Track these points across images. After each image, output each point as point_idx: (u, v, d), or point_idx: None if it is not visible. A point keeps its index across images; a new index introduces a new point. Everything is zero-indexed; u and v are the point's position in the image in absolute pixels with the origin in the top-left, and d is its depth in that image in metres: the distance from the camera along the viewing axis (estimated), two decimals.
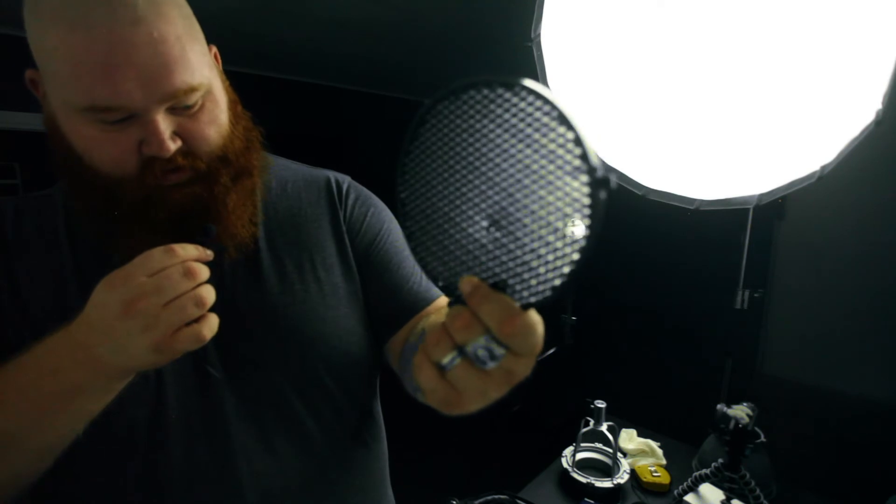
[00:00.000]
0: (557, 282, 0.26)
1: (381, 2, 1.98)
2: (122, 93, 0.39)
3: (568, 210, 0.25)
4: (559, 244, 0.26)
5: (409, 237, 0.32)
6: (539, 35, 0.79)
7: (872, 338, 2.14)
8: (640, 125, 0.78)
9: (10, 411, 0.39)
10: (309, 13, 2.11)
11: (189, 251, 0.39)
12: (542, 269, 0.26)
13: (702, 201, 0.75)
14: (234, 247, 0.51)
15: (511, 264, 0.28)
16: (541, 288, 0.27)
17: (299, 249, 0.57)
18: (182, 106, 0.43)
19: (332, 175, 0.64)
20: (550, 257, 0.26)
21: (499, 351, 0.28)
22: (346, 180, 0.65)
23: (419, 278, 0.63)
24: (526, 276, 0.27)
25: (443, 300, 0.62)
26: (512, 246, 0.27)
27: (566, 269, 0.26)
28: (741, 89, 0.67)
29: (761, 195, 0.71)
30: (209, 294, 0.39)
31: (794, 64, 0.63)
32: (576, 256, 0.25)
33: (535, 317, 0.27)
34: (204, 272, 0.39)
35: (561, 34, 0.78)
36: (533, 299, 0.27)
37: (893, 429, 1.88)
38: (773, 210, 2.37)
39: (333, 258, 0.59)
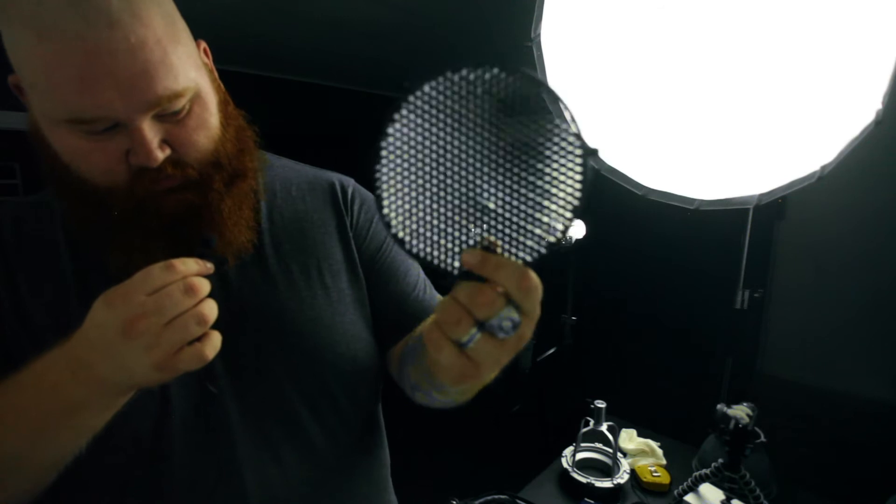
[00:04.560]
0: (552, 239, 0.29)
1: (381, 2, 1.98)
2: (102, 104, 0.37)
3: (561, 177, 0.27)
4: (553, 206, 0.28)
5: (388, 225, 0.31)
6: (539, 35, 0.79)
7: (872, 338, 2.14)
8: (640, 125, 0.78)
9: (10, 431, 0.39)
10: (309, 13, 2.11)
11: (189, 266, 0.38)
12: (537, 230, 0.29)
13: (702, 201, 0.75)
14: (233, 253, 0.49)
15: (506, 230, 0.29)
16: (535, 247, 0.29)
17: (306, 255, 0.56)
18: (168, 112, 0.41)
19: (337, 178, 0.63)
20: (545, 219, 0.29)
21: (517, 318, 0.30)
22: (350, 184, 0.64)
23: (423, 286, 0.65)
24: (521, 238, 0.29)
25: None
26: (507, 213, 0.29)
27: (560, 227, 0.28)
28: (741, 89, 0.67)
29: (761, 195, 0.71)
30: (211, 311, 0.38)
31: (795, 64, 0.63)
32: (568, 215, 0.28)
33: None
34: (205, 287, 0.38)
35: (561, 34, 0.78)
36: (529, 258, 0.29)
37: (893, 429, 1.88)
38: (773, 210, 2.37)
39: (340, 264, 0.58)
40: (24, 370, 0.39)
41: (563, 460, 1.06)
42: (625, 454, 1.13)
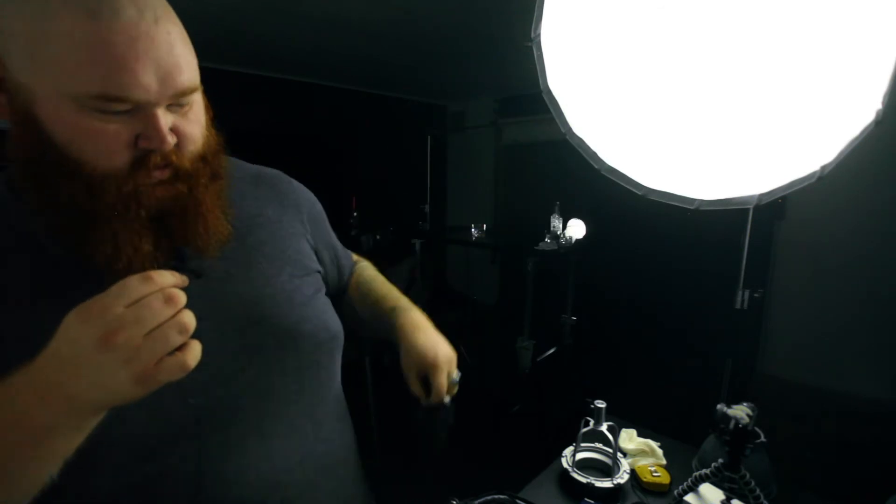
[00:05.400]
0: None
1: (381, 1, 1.98)
2: (139, 85, 0.40)
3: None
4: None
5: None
6: (539, 35, 0.79)
7: (872, 338, 2.14)
8: (640, 125, 0.78)
9: None
10: (309, 13, 2.11)
11: (167, 278, 0.38)
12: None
13: (702, 201, 0.75)
14: (215, 244, 0.52)
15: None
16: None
17: (270, 245, 0.61)
18: (177, 104, 0.45)
19: (273, 172, 0.70)
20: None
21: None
22: (286, 177, 0.72)
23: (345, 250, 0.82)
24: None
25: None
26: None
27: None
28: (741, 89, 0.67)
29: (761, 195, 0.70)
30: (191, 320, 0.38)
31: (794, 64, 0.63)
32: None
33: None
34: (183, 298, 0.38)
35: (561, 34, 0.78)
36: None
37: (893, 429, 1.88)
38: (773, 210, 2.37)
39: (300, 249, 0.65)
40: None
41: (563, 460, 1.06)
42: (625, 454, 1.12)
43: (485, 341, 3.46)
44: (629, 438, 1.16)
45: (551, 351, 2.98)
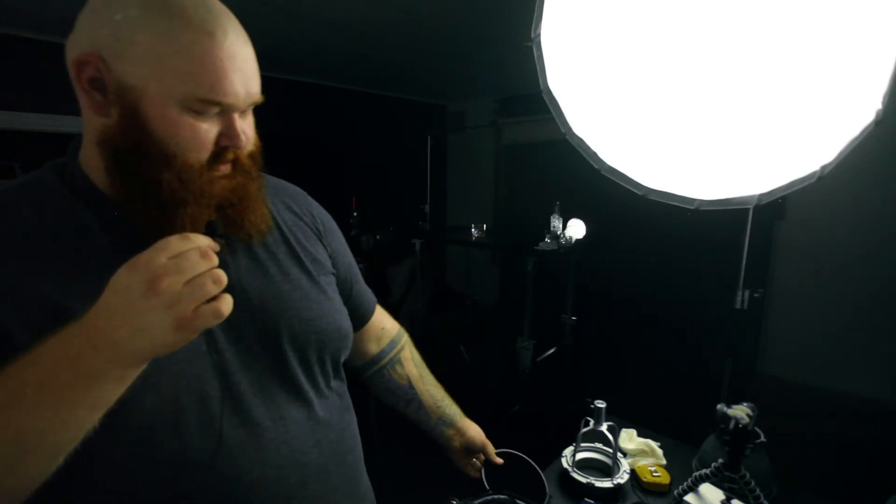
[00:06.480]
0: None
1: (381, 2, 1.98)
2: (232, 93, 0.49)
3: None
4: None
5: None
6: (539, 35, 0.79)
7: (872, 338, 2.14)
8: (640, 125, 0.78)
9: (29, 407, 0.40)
10: (309, 13, 2.11)
11: (202, 239, 0.43)
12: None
13: (702, 201, 0.75)
14: (263, 231, 0.60)
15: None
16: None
17: (287, 246, 0.66)
18: (244, 111, 0.54)
19: (295, 187, 0.76)
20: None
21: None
22: (305, 192, 0.77)
23: (365, 286, 0.84)
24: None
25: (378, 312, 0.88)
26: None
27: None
28: (741, 89, 0.67)
29: (761, 195, 0.70)
30: (224, 274, 0.43)
31: (794, 64, 0.63)
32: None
33: None
34: (216, 257, 0.43)
35: (561, 34, 0.78)
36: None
37: (893, 429, 1.88)
38: (773, 210, 2.38)
39: (316, 251, 0.70)
40: (41, 345, 0.40)
41: (563, 460, 1.06)
42: (625, 454, 1.12)
43: (485, 341, 3.46)
44: (629, 438, 1.17)
45: (551, 351, 2.98)
